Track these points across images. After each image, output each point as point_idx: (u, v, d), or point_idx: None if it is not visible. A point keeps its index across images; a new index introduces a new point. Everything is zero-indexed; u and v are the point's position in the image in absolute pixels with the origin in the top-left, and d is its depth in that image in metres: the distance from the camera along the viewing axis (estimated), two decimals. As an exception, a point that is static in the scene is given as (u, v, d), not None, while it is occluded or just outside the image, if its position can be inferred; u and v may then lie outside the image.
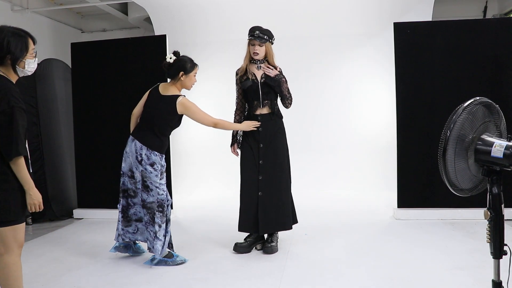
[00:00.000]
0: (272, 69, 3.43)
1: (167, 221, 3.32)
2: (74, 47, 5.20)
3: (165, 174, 3.32)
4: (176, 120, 3.29)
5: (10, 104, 2.09)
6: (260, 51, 3.44)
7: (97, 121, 5.06)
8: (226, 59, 6.11)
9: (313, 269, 3.11)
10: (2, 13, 6.13)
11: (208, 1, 6.06)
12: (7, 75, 2.20)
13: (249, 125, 3.46)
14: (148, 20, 7.21)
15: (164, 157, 3.31)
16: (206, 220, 4.73)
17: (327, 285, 2.82)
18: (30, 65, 2.26)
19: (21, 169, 2.13)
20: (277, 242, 3.57)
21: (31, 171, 2.27)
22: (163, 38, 4.97)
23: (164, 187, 3.29)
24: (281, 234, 3.73)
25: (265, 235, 3.61)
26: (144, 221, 3.31)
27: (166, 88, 3.30)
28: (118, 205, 3.40)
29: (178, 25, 6.42)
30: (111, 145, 4.97)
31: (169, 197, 3.37)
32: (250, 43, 3.46)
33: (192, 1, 6.10)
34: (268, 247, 3.48)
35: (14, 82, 2.21)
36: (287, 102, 3.54)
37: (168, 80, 3.38)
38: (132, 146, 3.24)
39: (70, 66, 5.28)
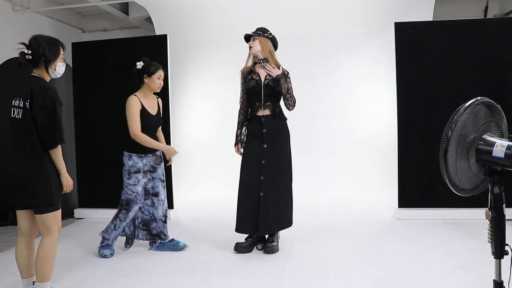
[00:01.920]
0: (274, 69, 3.42)
1: (123, 221, 3.48)
2: (75, 46, 5.20)
3: (135, 176, 3.40)
4: None
5: (52, 99, 2.43)
6: (254, 45, 3.47)
7: (98, 121, 5.06)
8: (226, 58, 6.13)
9: (314, 269, 3.11)
10: (3, 12, 6.13)
11: (209, 1, 6.06)
12: (42, 76, 2.52)
13: (170, 151, 3.53)
14: (149, 20, 7.22)
15: (136, 157, 3.40)
16: (206, 220, 4.73)
17: (328, 285, 2.82)
18: (60, 68, 2.61)
19: (60, 155, 2.51)
20: (278, 242, 3.57)
21: None
22: (163, 38, 4.97)
23: (134, 188, 3.40)
24: (282, 234, 3.73)
25: (266, 235, 3.60)
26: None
27: (138, 92, 3.48)
28: None
29: (178, 25, 6.43)
30: (112, 145, 4.97)
31: (141, 197, 3.48)
32: (245, 37, 3.52)
33: (193, 1, 6.10)
34: (269, 247, 3.48)
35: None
36: (288, 103, 3.48)
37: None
38: None
39: (71, 66, 5.28)
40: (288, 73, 3.52)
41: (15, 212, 2.57)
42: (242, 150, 3.63)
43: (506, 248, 1.82)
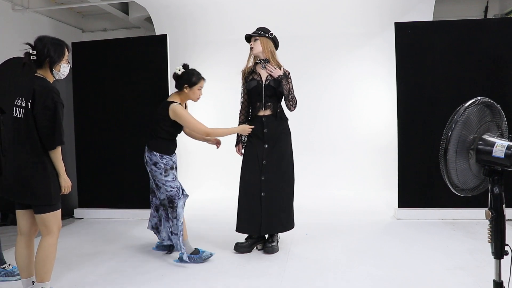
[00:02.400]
0: (275, 69, 3.42)
1: (179, 219, 3.33)
2: (75, 46, 5.20)
3: (172, 172, 3.35)
4: (169, 125, 3.34)
5: (53, 100, 2.43)
6: (256, 45, 3.46)
7: (98, 121, 5.06)
8: (226, 58, 6.13)
9: (314, 269, 3.10)
10: (3, 12, 6.13)
11: (209, 1, 6.06)
12: (45, 76, 2.53)
13: (245, 129, 3.48)
14: (149, 19, 7.22)
15: (167, 157, 3.34)
16: (206, 220, 4.73)
17: (328, 285, 2.82)
18: (64, 69, 2.60)
19: (59, 156, 2.49)
20: (278, 242, 3.57)
21: None
22: (163, 37, 4.97)
23: (173, 184, 3.33)
24: (282, 234, 3.73)
25: (266, 235, 3.60)
26: (162, 219, 3.46)
27: (171, 96, 3.42)
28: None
29: (179, 24, 6.42)
30: (112, 145, 4.98)
31: (182, 193, 3.38)
32: (246, 37, 3.51)
33: (193, 1, 6.10)
34: (269, 247, 3.47)
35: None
36: (290, 104, 3.48)
37: (176, 90, 3.44)
38: (145, 151, 3.40)
39: (71, 66, 5.27)
40: (289, 73, 3.52)
41: (15, 212, 2.58)
42: (242, 151, 3.63)
43: (506, 248, 1.82)
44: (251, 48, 3.49)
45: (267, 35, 3.46)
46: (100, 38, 7.62)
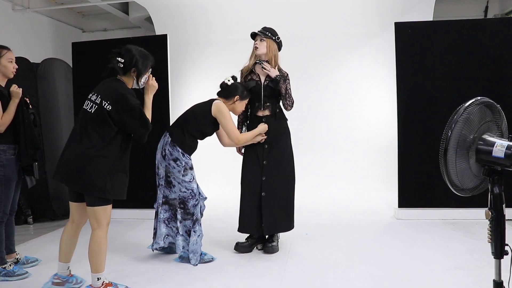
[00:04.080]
0: (272, 69, 3.41)
1: (195, 222, 3.29)
2: (75, 46, 5.20)
3: (191, 172, 3.30)
4: (208, 124, 3.32)
5: (130, 102, 2.59)
6: (261, 45, 3.42)
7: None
8: (227, 59, 6.12)
9: (314, 269, 3.11)
10: (3, 12, 6.13)
11: (209, 1, 6.07)
12: (125, 81, 2.72)
13: (264, 127, 3.43)
14: (149, 19, 7.22)
15: (188, 156, 3.30)
16: (207, 220, 4.70)
17: (328, 285, 2.82)
18: (143, 80, 2.80)
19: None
20: (278, 242, 3.57)
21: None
22: (164, 37, 4.97)
23: (189, 185, 3.27)
24: (282, 234, 3.73)
25: (266, 235, 3.60)
26: (161, 219, 3.36)
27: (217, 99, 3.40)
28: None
29: (179, 24, 6.43)
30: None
31: (199, 196, 3.34)
32: (254, 35, 3.47)
33: (193, 0, 6.10)
34: (269, 247, 3.48)
35: None
36: (286, 103, 3.47)
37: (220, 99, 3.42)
38: (162, 140, 3.34)
39: (71, 66, 5.28)
40: (287, 75, 3.52)
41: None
42: (243, 150, 3.63)
43: (506, 248, 1.82)
44: (256, 47, 3.45)
45: (274, 38, 3.45)
46: (100, 38, 7.64)
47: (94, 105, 2.65)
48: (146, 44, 5.07)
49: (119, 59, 2.66)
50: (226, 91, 3.37)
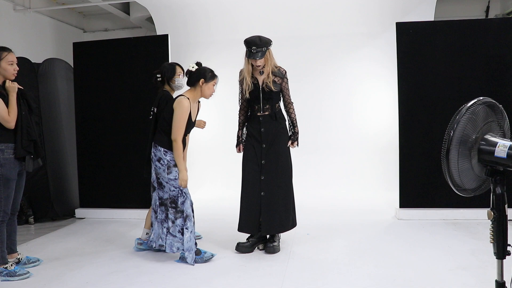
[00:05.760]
0: (293, 144, 3.57)
1: (186, 218, 3.29)
2: (76, 46, 5.21)
3: (175, 169, 3.28)
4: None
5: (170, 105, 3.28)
6: (262, 62, 3.41)
7: (99, 121, 5.06)
8: (228, 59, 6.10)
9: (315, 269, 3.10)
10: (4, 12, 6.14)
11: (210, 1, 6.06)
12: (168, 89, 3.63)
13: (183, 179, 3.26)
14: (150, 19, 7.22)
15: (171, 154, 3.29)
16: (208, 220, 4.72)
17: (329, 285, 2.82)
18: (178, 82, 3.68)
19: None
20: (279, 242, 3.57)
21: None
22: (165, 37, 4.97)
23: (176, 183, 3.27)
24: (283, 234, 3.72)
25: (267, 235, 3.60)
26: (159, 219, 3.40)
27: (184, 92, 3.39)
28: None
29: (180, 24, 6.42)
30: (113, 145, 4.98)
31: (187, 195, 3.33)
32: (250, 58, 3.39)
33: (194, 0, 6.10)
34: (270, 247, 3.47)
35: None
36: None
37: (188, 88, 3.42)
38: (152, 147, 3.41)
39: (72, 66, 5.28)
40: (285, 72, 3.53)
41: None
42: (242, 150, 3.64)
43: (508, 248, 1.82)
44: (255, 61, 3.38)
45: (269, 47, 3.41)
46: (101, 38, 7.64)
47: (152, 113, 3.56)
48: (147, 44, 5.11)
49: (157, 76, 3.55)
50: (191, 78, 3.36)
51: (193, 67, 3.36)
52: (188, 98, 3.28)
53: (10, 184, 3.06)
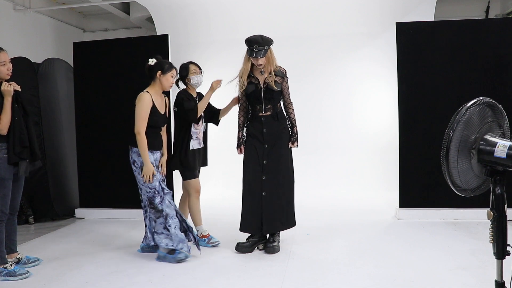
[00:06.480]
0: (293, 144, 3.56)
1: (167, 217, 3.32)
2: (76, 46, 5.20)
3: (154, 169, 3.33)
4: None
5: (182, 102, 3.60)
6: (263, 61, 3.42)
7: (99, 121, 5.06)
8: (228, 59, 6.08)
9: (315, 269, 3.10)
10: (4, 12, 6.14)
11: (210, 1, 6.06)
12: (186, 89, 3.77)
13: (148, 172, 3.29)
14: (150, 19, 7.22)
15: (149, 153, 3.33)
16: (208, 220, 4.71)
17: (329, 285, 2.82)
18: (194, 80, 3.74)
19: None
20: (279, 242, 3.57)
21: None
22: (165, 37, 4.97)
23: (151, 184, 3.32)
24: (283, 234, 3.73)
25: (267, 235, 3.60)
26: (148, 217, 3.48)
27: (146, 88, 3.46)
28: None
29: (180, 24, 6.42)
30: (113, 145, 4.97)
31: (163, 191, 3.37)
32: (252, 57, 3.40)
33: (194, 0, 6.10)
34: (270, 247, 3.47)
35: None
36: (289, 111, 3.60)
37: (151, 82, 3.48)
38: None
39: (72, 66, 5.28)
40: (285, 72, 3.53)
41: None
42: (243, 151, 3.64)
43: (508, 248, 1.82)
44: (256, 60, 3.39)
45: (270, 46, 3.42)
46: (101, 38, 7.63)
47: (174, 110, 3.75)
48: (147, 44, 5.11)
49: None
50: (151, 72, 3.43)
51: (152, 62, 3.42)
52: (149, 92, 3.36)
53: (5, 184, 3.02)
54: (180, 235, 3.32)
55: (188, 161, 3.63)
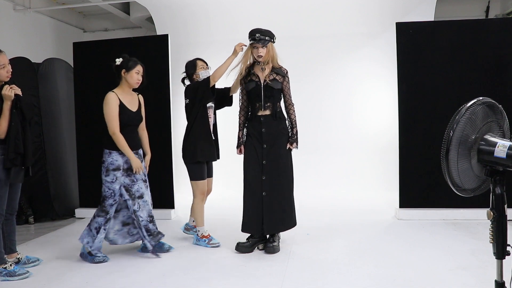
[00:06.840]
0: (292, 145, 3.55)
1: (108, 220, 3.39)
2: (76, 46, 5.20)
3: (114, 173, 3.34)
4: None
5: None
6: (264, 53, 3.42)
7: (99, 121, 5.02)
8: (228, 59, 6.12)
9: (315, 269, 3.10)
10: (4, 12, 6.14)
11: (210, 1, 6.06)
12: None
13: (137, 165, 3.37)
14: (150, 19, 7.22)
15: (116, 154, 3.35)
16: (207, 220, 4.70)
17: (329, 285, 2.82)
18: (202, 75, 3.75)
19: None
20: (279, 242, 3.57)
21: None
22: (165, 37, 4.98)
23: (111, 185, 3.34)
24: (283, 234, 3.73)
25: (267, 235, 3.60)
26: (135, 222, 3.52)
27: (116, 89, 3.49)
28: None
29: (180, 24, 6.42)
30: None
31: (120, 196, 3.39)
32: (253, 46, 3.44)
33: (194, 0, 6.10)
34: (270, 247, 3.47)
35: None
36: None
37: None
38: None
39: (72, 66, 5.28)
40: (287, 72, 3.53)
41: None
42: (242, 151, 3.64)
43: (508, 248, 1.82)
44: (257, 50, 3.41)
45: (273, 39, 3.45)
46: (101, 38, 7.63)
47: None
48: (147, 44, 5.11)
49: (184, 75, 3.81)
50: (117, 71, 3.47)
51: (118, 62, 3.47)
52: (114, 92, 3.40)
53: (1, 185, 2.99)
54: (100, 244, 3.40)
55: (201, 149, 3.63)
